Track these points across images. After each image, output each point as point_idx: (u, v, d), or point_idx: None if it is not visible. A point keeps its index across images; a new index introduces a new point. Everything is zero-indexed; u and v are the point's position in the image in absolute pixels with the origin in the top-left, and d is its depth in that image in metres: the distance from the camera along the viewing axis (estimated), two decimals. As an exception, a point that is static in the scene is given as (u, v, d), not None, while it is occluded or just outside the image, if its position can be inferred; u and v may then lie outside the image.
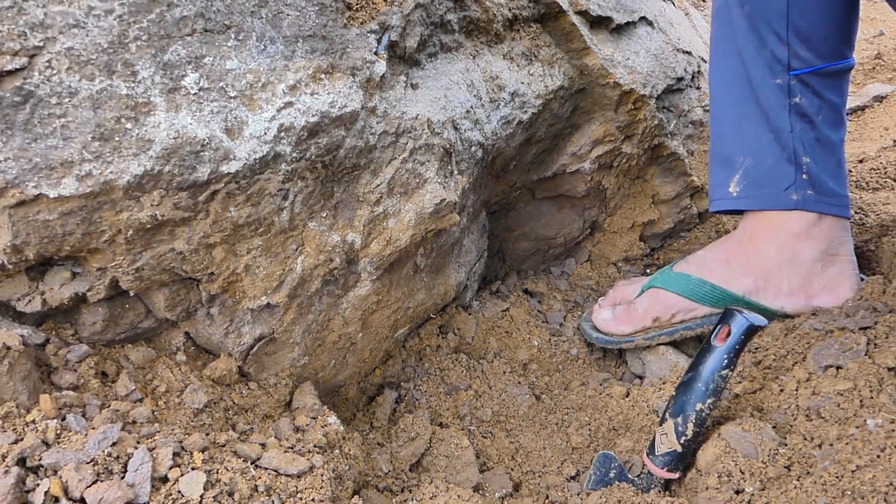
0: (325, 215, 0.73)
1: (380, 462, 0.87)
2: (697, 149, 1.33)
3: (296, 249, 0.72)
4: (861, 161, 1.61)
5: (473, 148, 0.92)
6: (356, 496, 0.68)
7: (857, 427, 0.71)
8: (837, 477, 0.66)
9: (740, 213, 1.10)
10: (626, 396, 1.03)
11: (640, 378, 1.10)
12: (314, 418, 0.76)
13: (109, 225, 0.56)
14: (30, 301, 0.62)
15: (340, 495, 0.70)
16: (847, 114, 1.82)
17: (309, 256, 0.73)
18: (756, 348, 1.00)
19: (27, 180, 0.51)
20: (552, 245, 1.28)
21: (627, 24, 1.14)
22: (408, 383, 1.04)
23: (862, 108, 1.81)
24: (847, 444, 0.69)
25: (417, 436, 0.92)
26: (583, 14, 1.06)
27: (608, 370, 1.14)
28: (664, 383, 1.02)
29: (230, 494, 0.58)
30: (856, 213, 1.34)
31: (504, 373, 1.12)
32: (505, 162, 1.06)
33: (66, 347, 0.65)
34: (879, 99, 1.80)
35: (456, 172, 0.89)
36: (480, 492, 0.89)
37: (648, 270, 1.34)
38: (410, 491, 0.84)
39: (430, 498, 0.79)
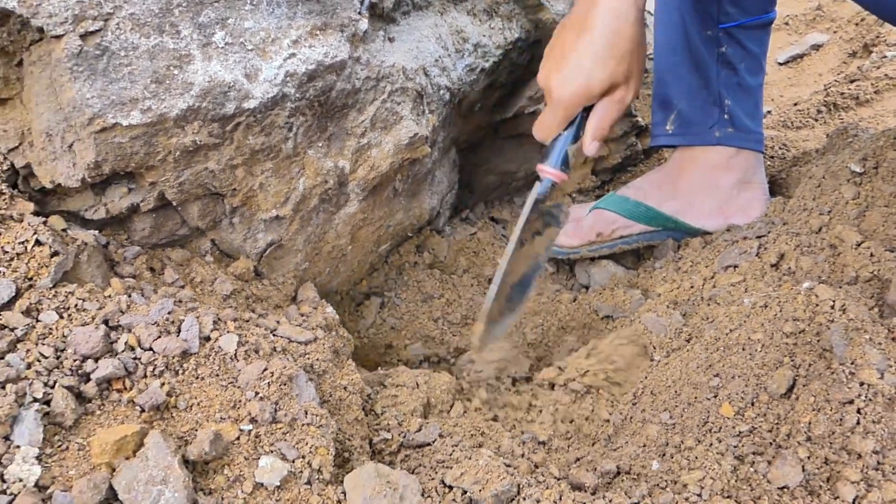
0: (321, 145, 0.91)
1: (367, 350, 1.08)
2: (643, 93, 1.52)
3: (298, 172, 0.90)
4: (795, 104, 1.80)
5: (442, 91, 1.10)
6: (346, 359, 0.88)
7: (736, 305, 0.92)
8: (716, 339, 0.87)
9: (675, 147, 1.29)
10: (574, 301, 1.24)
11: (586, 287, 1.31)
12: (315, 308, 0.96)
13: (163, 147, 0.74)
14: (95, 211, 0.80)
15: (339, 363, 0.90)
16: (787, 61, 2.01)
17: (308, 178, 0.92)
18: (679, 258, 1.21)
19: (107, 112, 0.69)
20: (515, 178, 1.47)
21: (577, -18, 1.31)
22: (390, 292, 1.24)
23: (801, 56, 2.00)
24: (726, 316, 0.90)
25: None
26: (536, -26, 1.23)
27: (560, 282, 1.35)
28: (604, 289, 1.23)
29: (256, 351, 0.78)
30: (779, 148, 1.54)
31: (471, 285, 1.33)
32: (471, 104, 1.24)
33: (122, 248, 0.83)
34: (816, 47, 1.98)
35: (427, 112, 1.08)
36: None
37: (599, 200, 1.54)
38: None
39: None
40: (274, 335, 0.83)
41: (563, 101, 0.90)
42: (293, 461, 0.69)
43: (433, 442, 0.86)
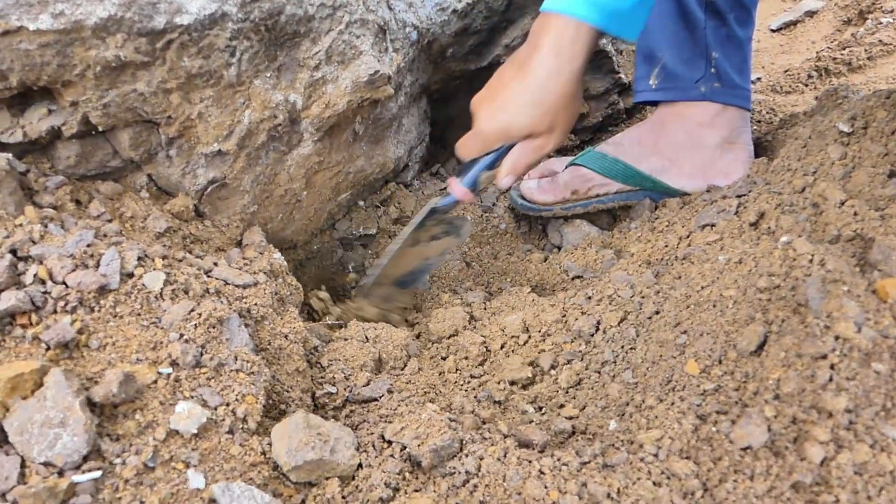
0: (269, 75, 0.84)
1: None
2: (626, 48, 1.45)
3: (243, 103, 0.83)
4: (786, 72, 1.73)
5: (408, 29, 1.02)
6: (291, 307, 0.82)
7: (711, 262, 0.86)
8: (687, 296, 0.82)
9: (659, 103, 1.22)
10: (544, 261, 1.18)
11: (558, 248, 1.25)
12: (261, 253, 0.89)
13: (80, 60, 0.67)
14: (12, 133, 0.73)
15: (282, 310, 0.84)
16: (780, 28, 1.94)
17: (255, 111, 0.84)
18: (656, 218, 1.15)
19: (10, 13, 0.61)
20: (490, 134, 1.40)
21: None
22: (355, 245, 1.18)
23: (794, 23, 1.93)
24: (699, 273, 0.84)
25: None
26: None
27: (532, 242, 1.29)
28: (576, 249, 1.17)
29: (185, 291, 0.71)
30: (767, 112, 1.48)
31: (440, 243, 1.27)
32: (442, 48, 1.17)
33: (44, 177, 0.76)
34: (811, 14, 1.91)
35: (391, 50, 1.00)
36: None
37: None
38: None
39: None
40: (208, 276, 0.77)
41: (483, 133, 0.93)
42: (215, 408, 0.63)
43: (380, 397, 0.80)
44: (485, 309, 1.03)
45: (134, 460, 0.57)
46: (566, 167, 1.22)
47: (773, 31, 1.97)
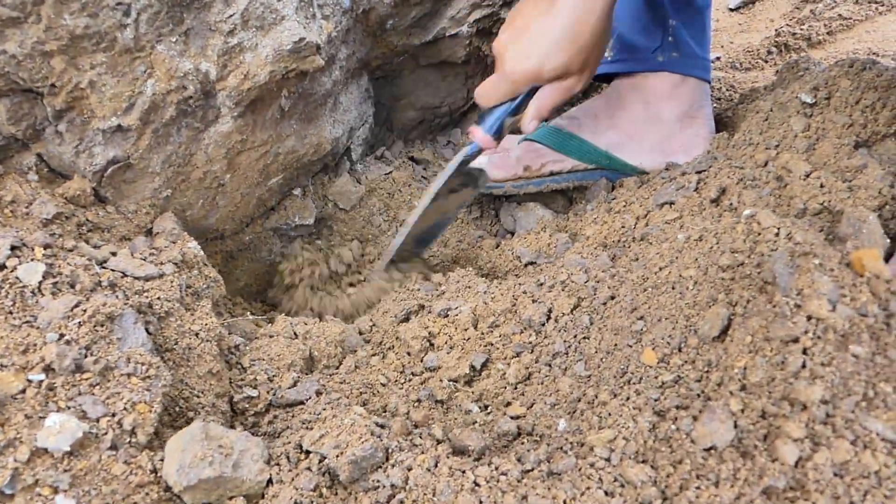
0: (174, 40, 0.74)
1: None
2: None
3: (144, 71, 0.73)
4: (747, 51, 1.68)
5: (339, -6, 0.93)
6: (205, 302, 0.73)
7: (669, 242, 0.79)
8: (644, 279, 0.74)
9: (614, 76, 1.15)
10: (496, 248, 1.10)
11: (512, 233, 1.17)
12: (174, 242, 0.79)
13: (-74, 12, 0.57)
14: None
15: (193, 305, 0.74)
16: (738, 7, 1.89)
17: (160, 81, 0.74)
18: (613, 199, 1.08)
19: None
20: (438, 115, 1.31)
21: None
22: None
23: (752, 1, 1.88)
24: (657, 254, 0.77)
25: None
26: None
27: (484, 228, 1.21)
28: (529, 234, 1.09)
29: (71, 285, 0.62)
30: (727, 90, 1.42)
31: (386, 231, 1.18)
32: (380, 19, 1.08)
33: None
34: (769, -8, 1.87)
35: (319, 17, 0.91)
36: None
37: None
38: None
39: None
40: (102, 268, 0.67)
41: (512, 76, 0.87)
42: (96, 420, 0.53)
43: (307, 400, 0.71)
44: (431, 299, 0.95)
45: (-13, 487, 0.47)
46: (519, 142, 1.14)
47: (731, 10, 1.92)
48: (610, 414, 0.57)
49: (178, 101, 0.77)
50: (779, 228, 0.63)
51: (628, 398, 0.57)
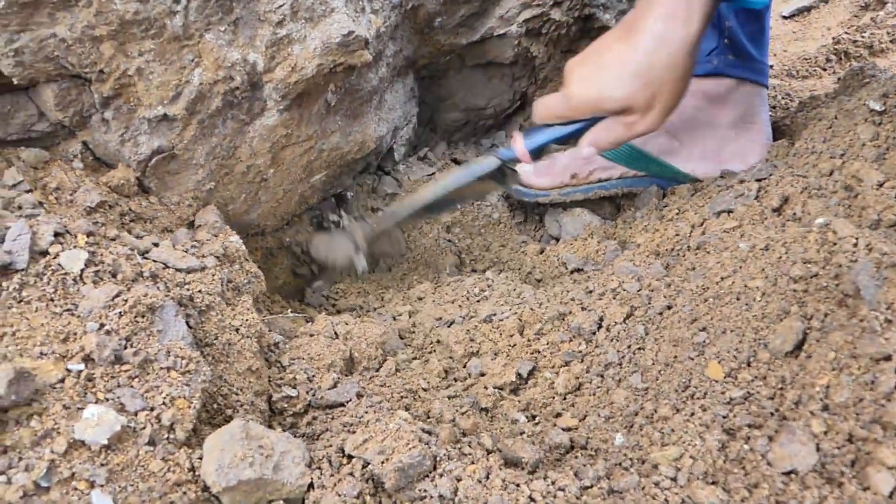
0: (223, 29, 0.73)
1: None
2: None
3: (192, 60, 0.72)
4: (803, 59, 1.62)
5: (390, -12, 0.91)
6: (246, 297, 0.71)
7: (730, 251, 0.75)
8: (704, 288, 0.70)
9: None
10: (541, 253, 1.07)
11: (556, 239, 1.14)
12: (216, 235, 0.78)
13: (-22, -9, 0.56)
14: (-89, 85, 0.61)
15: (234, 300, 0.72)
16: (792, 14, 1.83)
17: (207, 70, 0.73)
18: (664, 206, 1.04)
19: None
20: (482, 116, 1.29)
21: None
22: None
23: (808, 9, 1.82)
24: (718, 263, 0.73)
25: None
26: None
27: (527, 233, 1.18)
28: (576, 240, 1.05)
29: (113, 274, 0.60)
30: (783, 97, 1.37)
31: (428, 234, 1.16)
32: (429, 17, 1.05)
33: (-47, 140, 0.65)
34: (825, 0, 1.81)
35: (369, 10, 0.89)
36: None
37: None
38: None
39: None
40: (144, 258, 0.65)
41: (572, 100, 0.81)
42: (135, 414, 0.51)
43: (347, 402, 0.69)
44: (474, 302, 0.92)
45: (22, 478, 0.45)
46: (565, 149, 1.11)
47: (785, 17, 1.86)
48: (673, 430, 0.53)
49: (225, 92, 0.76)
50: (857, 239, 0.59)
51: (693, 414, 0.53)
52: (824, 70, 1.44)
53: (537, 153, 0.89)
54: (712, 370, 0.57)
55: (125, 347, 0.55)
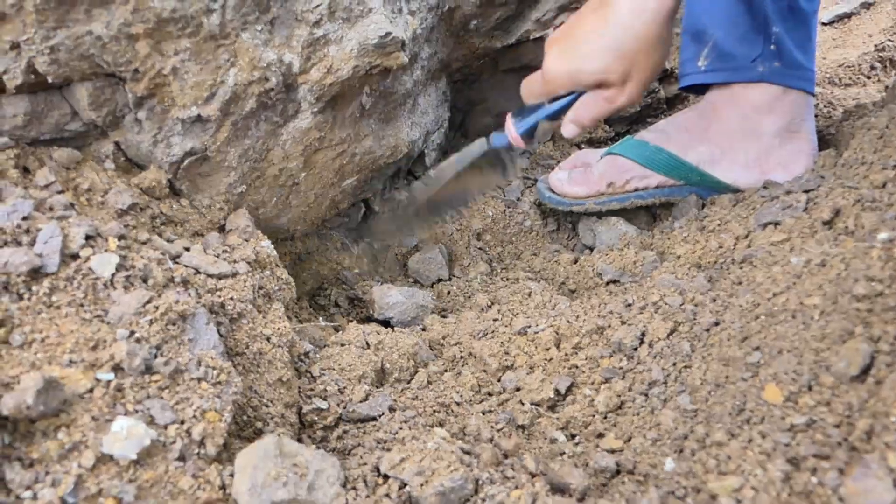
0: (259, 29, 0.71)
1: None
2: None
3: (227, 60, 0.70)
4: (842, 65, 1.58)
5: (427, -11, 0.89)
6: (278, 304, 0.69)
7: (781, 265, 0.71)
8: (754, 304, 0.67)
9: (707, 88, 1.08)
10: (574, 263, 1.04)
11: (590, 249, 1.10)
12: (247, 240, 0.76)
13: (15, -14, 0.54)
14: (-56, 83, 0.60)
15: (265, 308, 0.70)
16: (832, 21, 1.79)
17: (242, 70, 0.71)
18: (705, 217, 1.00)
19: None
20: (515, 121, 1.26)
21: None
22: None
23: (849, 15, 1.77)
24: (768, 277, 0.70)
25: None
26: None
27: (560, 242, 1.15)
28: (611, 250, 1.02)
29: (143, 279, 0.58)
30: (825, 106, 1.33)
31: (458, 241, 1.13)
32: (465, 19, 1.03)
33: (-15, 139, 0.64)
34: (867, 5, 1.76)
35: (406, 11, 0.87)
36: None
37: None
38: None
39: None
40: (176, 263, 0.64)
41: (548, 75, 0.83)
42: (165, 427, 0.49)
43: (380, 416, 0.66)
44: (507, 314, 0.89)
45: (48, 494, 0.44)
46: (601, 157, 1.08)
47: (824, 24, 1.82)
48: (730, 457, 0.50)
49: (260, 93, 0.74)
50: (926, 256, 0.56)
51: (751, 440, 0.50)
52: (868, 78, 1.40)
53: (529, 134, 0.89)
54: (770, 393, 0.53)
55: (156, 356, 0.53)
